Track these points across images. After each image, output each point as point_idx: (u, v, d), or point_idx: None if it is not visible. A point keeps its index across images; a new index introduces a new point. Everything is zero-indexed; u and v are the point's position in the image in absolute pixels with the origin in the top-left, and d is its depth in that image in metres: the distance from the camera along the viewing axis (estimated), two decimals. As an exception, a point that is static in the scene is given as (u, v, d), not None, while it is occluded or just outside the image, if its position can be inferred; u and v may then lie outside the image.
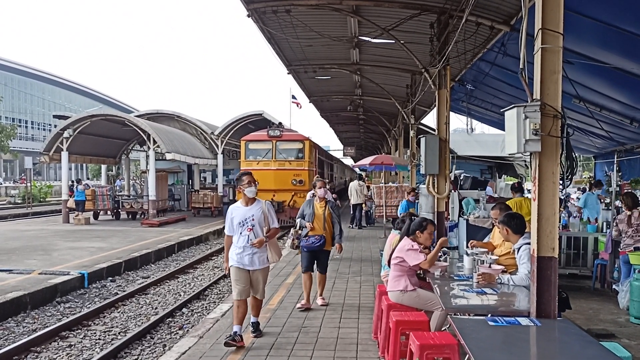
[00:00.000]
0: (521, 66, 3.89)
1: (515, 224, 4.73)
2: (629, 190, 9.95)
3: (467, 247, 5.55)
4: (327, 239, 6.82)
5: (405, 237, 5.10)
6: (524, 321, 3.64)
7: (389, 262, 5.18)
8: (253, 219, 5.44)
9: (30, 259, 11.23)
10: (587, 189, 12.82)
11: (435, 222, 8.91)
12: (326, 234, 6.83)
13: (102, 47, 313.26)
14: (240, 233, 5.45)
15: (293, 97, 37.33)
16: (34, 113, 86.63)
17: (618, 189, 11.74)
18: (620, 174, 12.14)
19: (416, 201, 11.66)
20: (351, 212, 17.67)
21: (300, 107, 35.91)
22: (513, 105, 3.79)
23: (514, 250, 4.83)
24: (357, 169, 23.82)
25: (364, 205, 17.42)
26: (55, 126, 21.74)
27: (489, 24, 8.33)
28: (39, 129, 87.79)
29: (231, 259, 5.50)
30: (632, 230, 7.25)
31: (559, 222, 7.18)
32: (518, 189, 8.90)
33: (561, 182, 3.86)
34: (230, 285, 6.25)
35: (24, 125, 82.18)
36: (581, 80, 7.99)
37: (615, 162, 11.99)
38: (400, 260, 5.00)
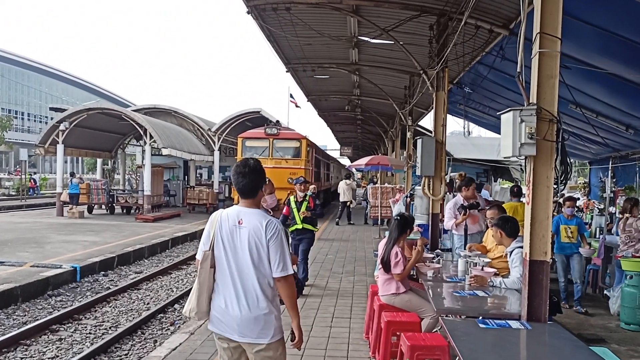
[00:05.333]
0: (518, 70, 3.90)
1: (509, 227, 4.75)
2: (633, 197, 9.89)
3: (464, 249, 5.56)
4: None
5: (395, 245, 5.01)
6: (514, 324, 3.65)
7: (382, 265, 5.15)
8: None
9: (22, 252, 11.18)
10: None
11: (430, 224, 8.97)
12: None
13: (100, 40, 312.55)
14: None
15: (291, 95, 37.30)
16: (30, 105, 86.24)
17: (612, 195, 11.77)
18: (614, 180, 12.17)
19: (411, 202, 11.67)
20: (339, 210, 19.00)
21: (299, 107, 35.77)
22: (509, 109, 3.80)
23: (506, 254, 4.84)
24: (353, 169, 23.86)
25: (350, 203, 18.85)
26: (51, 118, 21.68)
27: (488, 27, 8.34)
28: (35, 121, 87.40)
29: None
30: (625, 235, 7.29)
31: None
32: (517, 193, 8.61)
33: (555, 186, 3.86)
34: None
35: (20, 117, 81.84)
36: (578, 85, 8.00)
37: (610, 168, 12.03)
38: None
